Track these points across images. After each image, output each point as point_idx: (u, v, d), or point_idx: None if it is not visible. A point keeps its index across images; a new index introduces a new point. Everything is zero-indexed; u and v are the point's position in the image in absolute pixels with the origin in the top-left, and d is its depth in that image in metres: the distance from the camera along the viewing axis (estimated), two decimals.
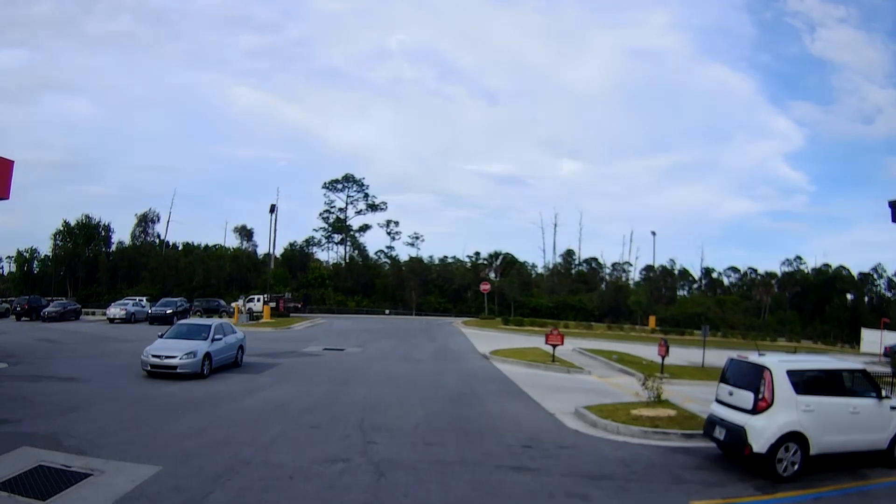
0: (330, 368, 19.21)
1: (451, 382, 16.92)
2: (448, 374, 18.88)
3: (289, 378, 16.69)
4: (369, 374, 17.98)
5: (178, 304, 42.99)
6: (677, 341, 41.74)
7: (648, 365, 24.28)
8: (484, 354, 25.41)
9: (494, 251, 73.51)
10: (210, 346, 16.33)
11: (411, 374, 18.32)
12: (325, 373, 18.14)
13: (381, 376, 17.59)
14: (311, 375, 17.43)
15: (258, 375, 17.01)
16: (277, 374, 17.53)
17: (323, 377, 17.15)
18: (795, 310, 79.41)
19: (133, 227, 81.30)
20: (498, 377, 18.78)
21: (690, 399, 16.34)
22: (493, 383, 17.28)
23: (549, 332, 22.75)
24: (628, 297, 69.03)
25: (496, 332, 40.88)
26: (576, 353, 28.17)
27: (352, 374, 18.04)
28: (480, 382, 17.30)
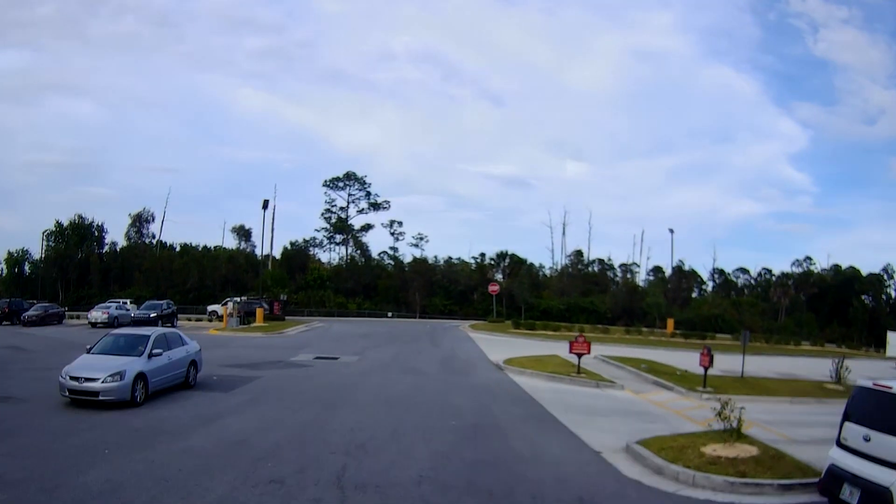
0: (317, 384, 16.08)
1: (463, 404, 13.73)
2: (458, 391, 15.71)
3: (262, 399, 13.56)
4: (363, 393, 14.82)
5: (163, 306, 39.96)
6: (698, 346, 38.48)
7: (684, 376, 21.19)
8: (497, 364, 22.27)
9: (502, 251, 70.34)
10: (145, 365, 12.62)
11: (414, 393, 15.13)
12: (310, 391, 15.01)
13: (377, 396, 14.41)
14: (291, 395, 14.29)
15: (226, 395, 13.90)
16: (250, 393, 14.39)
17: (306, 397, 14.02)
18: (812, 312, 76.33)
19: (127, 227, 78.64)
20: (518, 395, 15.59)
21: (750, 422, 13.26)
22: (514, 405, 14.08)
23: (573, 340, 19.57)
24: (643, 299, 65.84)
25: (507, 336, 37.73)
26: (598, 361, 24.98)
27: (342, 392, 14.88)
28: (498, 403, 14.13)
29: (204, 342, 30.31)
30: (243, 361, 20.83)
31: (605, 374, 20.97)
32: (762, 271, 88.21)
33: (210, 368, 18.39)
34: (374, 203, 79.41)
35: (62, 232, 75.90)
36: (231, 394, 14.22)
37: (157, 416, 11.44)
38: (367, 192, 79.48)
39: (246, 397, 13.74)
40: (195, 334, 35.42)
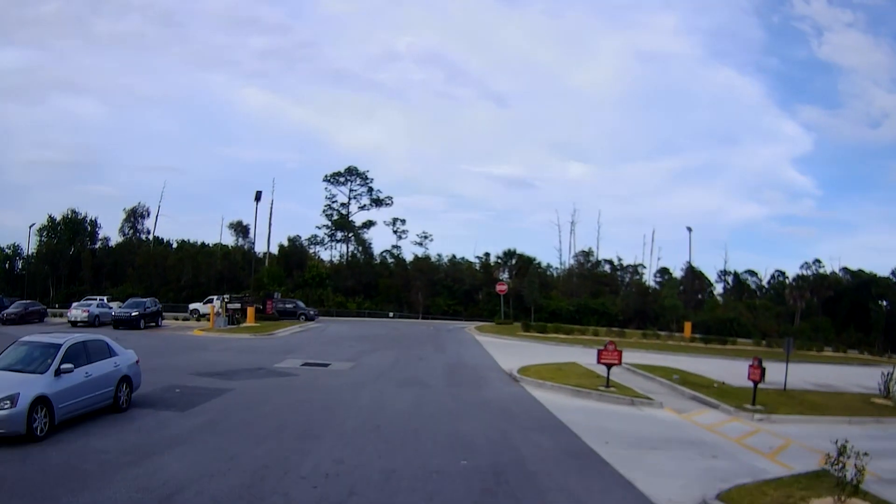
0: (296, 401, 13.22)
1: (476, 432, 10.83)
2: (469, 411, 12.82)
3: (223, 423, 10.73)
4: (351, 414, 11.94)
5: (146, 304, 37.08)
6: (720, 352, 35.81)
7: (723, 389, 18.41)
8: (510, 374, 19.40)
9: (509, 249, 66.85)
10: (50, 385, 9.45)
11: (414, 414, 12.22)
12: (286, 410, 12.16)
13: (369, 419, 11.52)
14: (261, 416, 11.45)
15: (179, 417, 11.07)
16: (211, 412, 11.57)
17: (278, 420, 11.17)
18: (827, 315, 73.56)
19: (121, 223, 75.97)
20: (542, 418, 12.67)
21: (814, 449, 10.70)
22: (540, 432, 11.14)
23: (602, 348, 16.64)
24: (656, 301, 62.95)
25: (517, 340, 34.83)
26: (623, 370, 22.12)
27: (325, 413, 12.02)
28: (520, 430, 11.22)
29: (184, 344, 27.75)
30: (219, 368, 18.04)
31: (635, 386, 18.12)
32: (775, 273, 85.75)
33: (176, 377, 15.75)
34: (376, 199, 76.47)
35: (54, 227, 73.69)
36: (186, 414, 11.40)
37: (63, 454, 8.52)
38: (368, 188, 76.57)
39: (202, 419, 10.92)
40: (179, 335, 32.90)
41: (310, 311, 47.52)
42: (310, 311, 47.52)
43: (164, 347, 24.77)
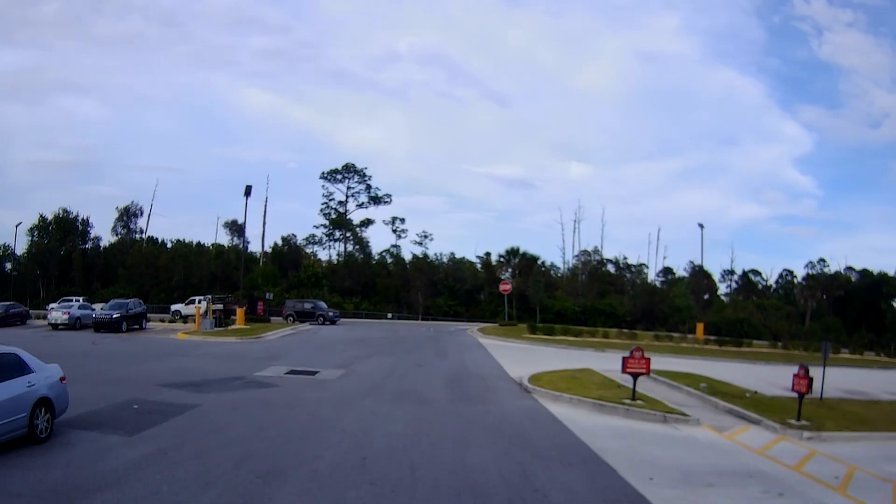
0: (268, 423, 11.00)
1: (488, 467, 8.61)
2: (476, 437, 10.57)
3: (172, 454, 8.55)
4: (333, 442, 9.70)
5: (129, 305, 34.93)
6: (737, 355, 33.60)
7: (758, 399, 16.38)
8: (521, 383, 17.25)
9: (512, 247, 64.42)
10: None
11: (410, 441, 9.95)
12: (254, 435, 9.96)
13: (353, 450, 9.28)
14: (221, 444, 9.28)
15: (122, 443, 8.94)
16: (162, 439, 9.41)
17: (241, 449, 8.97)
18: (838, 316, 71.61)
19: (114, 222, 73.85)
20: (567, 444, 10.40)
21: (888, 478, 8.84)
22: (567, 466, 8.86)
23: (628, 355, 14.48)
24: (664, 301, 60.84)
25: (523, 343, 32.66)
26: (645, 377, 20.05)
27: (300, 440, 9.82)
28: (542, 463, 8.96)
29: (163, 349, 25.53)
30: (192, 378, 15.94)
31: (662, 397, 16.02)
32: (783, 273, 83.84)
33: (141, 390, 13.68)
34: (374, 197, 74.37)
35: (46, 227, 71.66)
36: (134, 440, 9.27)
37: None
38: (367, 186, 74.48)
39: (150, 448, 8.78)
40: (161, 339, 30.71)
41: (329, 313, 44.57)
42: (329, 313, 44.57)
43: (141, 353, 22.72)
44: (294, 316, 43.09)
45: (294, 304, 45.37)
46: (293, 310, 43.83)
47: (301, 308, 44.31)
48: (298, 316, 43.09)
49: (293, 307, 44.40)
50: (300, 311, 43.85)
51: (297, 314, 43.28)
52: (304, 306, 44.76)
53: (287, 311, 43.71)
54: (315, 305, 45.37)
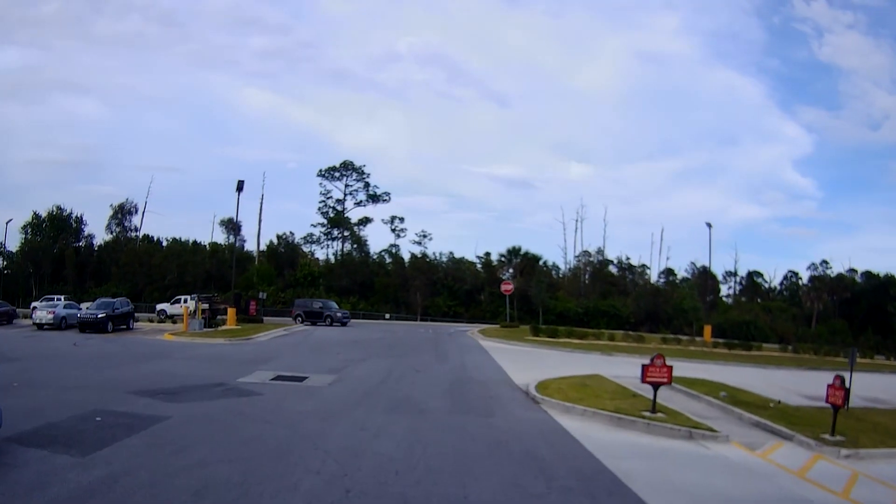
0: (242, 440, 9.61)
1: (496, 500, 7.29)
2: (481, 458, 9.13)
3: (123, 481, 7.15)
4: (311, 465, 8.29)
5: (115, 305, 33.58)
6: (748, 359, 32.13)
7: (783, 410, 15.12)
8: (527, 391, 15.85)
9: (513, 247, 63.06)
10: None
11: (402, 466, 8.42)
12: (223, 456, 8.57)
13: (336, 476, 7.81)
14: (182, 468, 7.87)
15: (71, 468, 7.55)
16: (116, 463, 8.00)
17: (204, 476, 7.58)
18: (843, 318, 70.41)
19: (108, 219, 72.51)
20: (587, 468, 8.88)
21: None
22: (591, 501, 7.55)
23: (649, 363, 13.09)
24: (668, 302, 59.58)
25: (526, 346, 31.28)
26: None
27: (276, 462, 8.37)
28: (561, 496, 7.54)
29: (146, 351, 24.02)
30: (168, 384, 14.58)
31: (681, 408, 14.66)
32: (788, 274, 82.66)
33: (110, 398, 12.38)
34: (372, 195, 73.06)
35: (39, 224, 70.30)
36: (85, 462, 7.91)
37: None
38: (365, 183, 73.17)
39: (100, 473, 7.41)
40: (146, 340, 29.14)
41: (338, 314, 43.58)
42: (338, 314, 43.58)
43: (122, 355, 21.39)
44: (303, 316, 42.11)
45: (304, 303, 44.52)
46: (302, 309, 42.90)
47: (311, 308, 43.43)
48: (307, 316, 42.19)
49: (303, 306, 43.46)
50: (309, 310, 42.92)
51: (307, 314, 42.35)
52: (313, 306, 43.89)
53: (296, 310, 42.85)
54: (325, 305, 44.55)
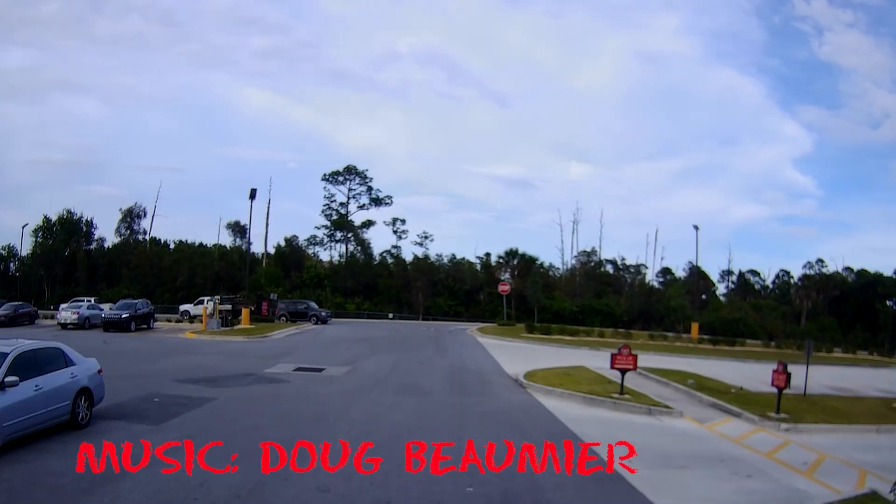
0: (284, 412, 12.00)
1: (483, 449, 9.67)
2: (473, 424, 11.53)
3: (197, 441, 9.51)
4: (341, 430, 10.70)
5: (137, 306, 35.92)
6: (730, 353, 34.59)
7: (742, 395, 17.37)
8: (517, 379, 18.19)
9: (511, 249, 65.26)
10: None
11: (412, 427, 11.02)
12: (271, 424, 10.95)
13: (365, 430, 10.36)
14: (241, 433, 10.24)
15: (151, 431, 9.91)
16: (186, 427, 10.37)
17: (261, 435, 9.96)
18: (833, 315, 72.32)
19: (117, 223, 74.62)
20: (556, 432, 11.38)
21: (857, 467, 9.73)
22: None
23: (616, 352, 15.44)
24: (660, 301, 61.76)
25: (520, 342, 33.63)
26: (636, 374, 21.00)
27: (316, 426, 10.82)
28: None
29: (174, 347, 26.55)
30: (206, 374, 16.91)
31: (650, 392, 16.96)
32: (780, 273, 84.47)
33: (159, 384, 14.64)
34: (375, 198, 75.22)
35: (50, 227, 72.39)
36: (159, 428, 10.23)
37: (6, 481, 7.37)
38: (368, 187, 75.31)
39: (173, 436, 9.72)
40: (170, 338, 31.69)
41: (321, 313, 46.24)
42: (321, 313, 46.24)
43: (152, 351, 23.70)
44: (287, 316, 44.16)
45: (287, 305, 46.80)
46: (286, 310, 45.05)
47: (294, 309, 45.75)
48: (291, 316, 44.21)
49: (286, 308, 45.76)
50: (293, 311, 45.17)
51: (290, 314, 44.45)
52: (296, 307, 46.25)
53: (280, 311, 44.85)
54: (308, 306, 46.90)
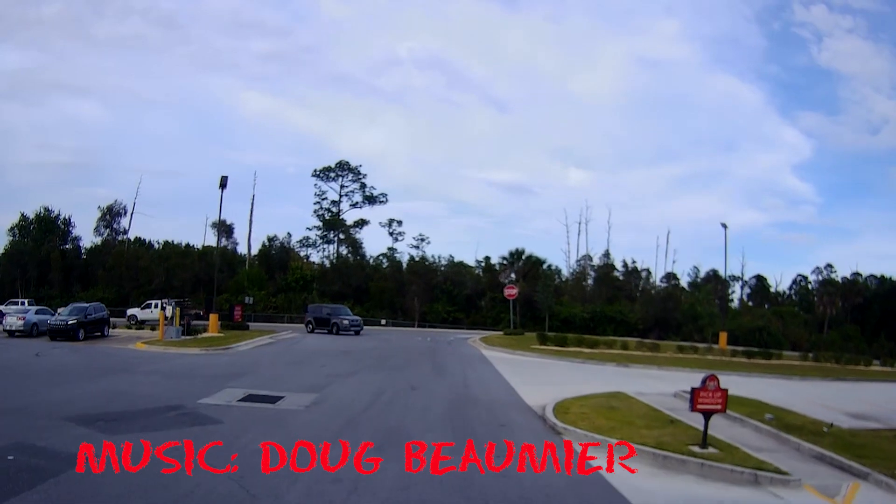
0: (176, 499, 7.11)
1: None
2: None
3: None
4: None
5: (88, 311, 31.03)
6: (771, 369, 29.18)
7: (838, 435, 12.57)
8: (544, 416, 13.25)
9: (516, 249, 60.03)
10: None
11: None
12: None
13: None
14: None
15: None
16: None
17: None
18: (855, 324, 68.16)
19: (96, 221, 69.95)
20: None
21: None
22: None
23: (700, 386, 10.38)
24: (678, 308, 57.05)
25: (533, 356, 28.61)
26: (680, 399, 16.22)
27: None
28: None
29: (111, 363, 20.13)
30: (115, 407, 12.08)
31: (729, 436, 12.02)
32: (797, 278, 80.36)
33: (41, 425, 10.13)
34: (369, 196, 70.50)
35: (27, 226, 67.81)
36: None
37: None
38: (361, 184, 70.66)
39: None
40: (117, 349, 26.37)
41: (344, 321, 38.76)
42: (344, 321, 38.76)
43: (81, 368, 18.84)
44: (313, 323, 38.91)
45: (312, 311, 40.96)
46: (312, 317, 39.75)
47: (319, 315, 39.75)
48: (317, 323, 38.84)
49: (312, 314, 40.10)
50: (318, 317, 39.42)
51: (316, 321, 39.05)
52: (322, 312, 40.11)
53: (307, 318, 39.80)
54: (333, 311, 40.24)
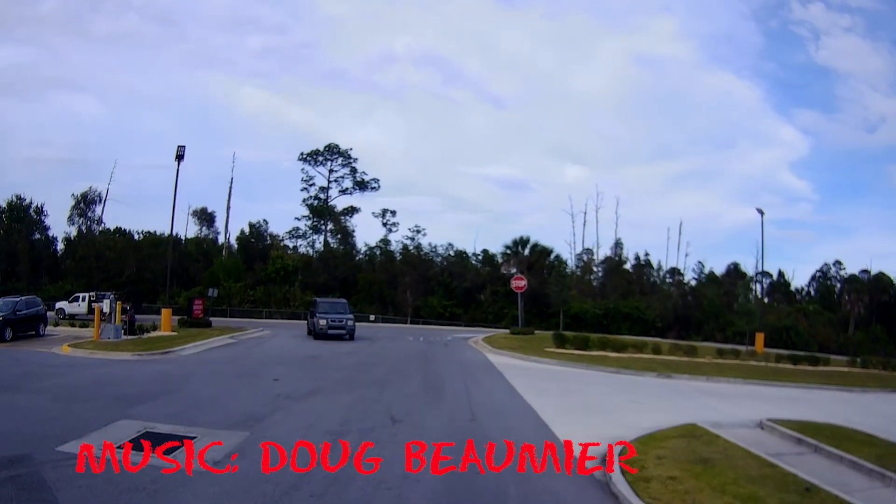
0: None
1: None
2: None
3: None
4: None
5: (18, 306, 25.76)
6: (819, 377, 23.68)
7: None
8: (608, 483, 8.21)
9: (520, 237, 54.42)
10: None
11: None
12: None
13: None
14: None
15: None
16: None
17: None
18: (880, 323, 63.94)
19: (70, 209, 65.00)
20: None
21: None
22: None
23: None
24: (699, 305, 52.26)
25: (552, 362, 23.20)
26: (770, 434, 11.17)
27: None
28: None
29: (16, 372, 15.99)
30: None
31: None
32: (817, 275, 76.12)
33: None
34: (360, 182, 65.29)
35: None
36: None
37: None
38: (352, 169, 65.45)
39: None
40: (35, 353, 20.80)
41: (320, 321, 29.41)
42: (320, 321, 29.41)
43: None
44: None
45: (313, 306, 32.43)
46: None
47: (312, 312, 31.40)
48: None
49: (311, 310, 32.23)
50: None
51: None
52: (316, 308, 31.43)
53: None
54: (317, 307, 31.35)
